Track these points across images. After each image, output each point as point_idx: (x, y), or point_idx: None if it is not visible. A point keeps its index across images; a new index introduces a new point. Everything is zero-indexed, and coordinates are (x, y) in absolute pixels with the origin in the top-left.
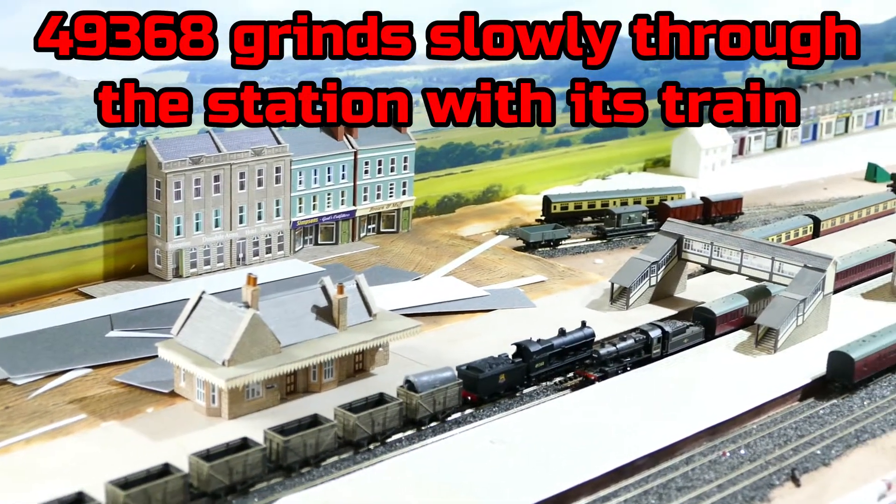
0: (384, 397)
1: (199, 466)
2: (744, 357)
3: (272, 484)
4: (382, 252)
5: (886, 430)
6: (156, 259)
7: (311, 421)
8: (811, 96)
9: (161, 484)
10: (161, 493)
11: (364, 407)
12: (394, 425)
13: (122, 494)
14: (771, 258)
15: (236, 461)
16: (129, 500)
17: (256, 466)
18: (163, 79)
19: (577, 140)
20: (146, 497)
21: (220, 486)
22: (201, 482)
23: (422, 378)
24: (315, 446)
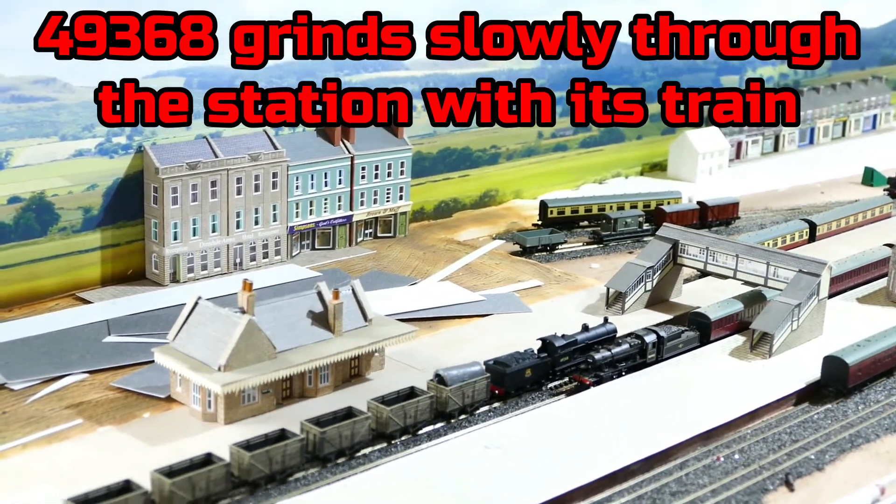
0: (415, 391)
1: (241, 456)
2: (739, 362)
3: (309, 473)
4: (379, 257)
5: (881, 434)
6: (153, 264)
7: (346, 413)
8: (808, 100)
9: (205, 472)
10: (205, 482)
11: (396, 400)
12: (425, 418)
13: (168, 482)
14: (766, 263)
15: (276, 451)
16: (174, 488)
17: (295, 456)
18: (159, 84)
19: (573, 145)
20: (191, 485)
21: (261, 476)
22: (242, 471)
23: (451, 372)
24: (350, 437)
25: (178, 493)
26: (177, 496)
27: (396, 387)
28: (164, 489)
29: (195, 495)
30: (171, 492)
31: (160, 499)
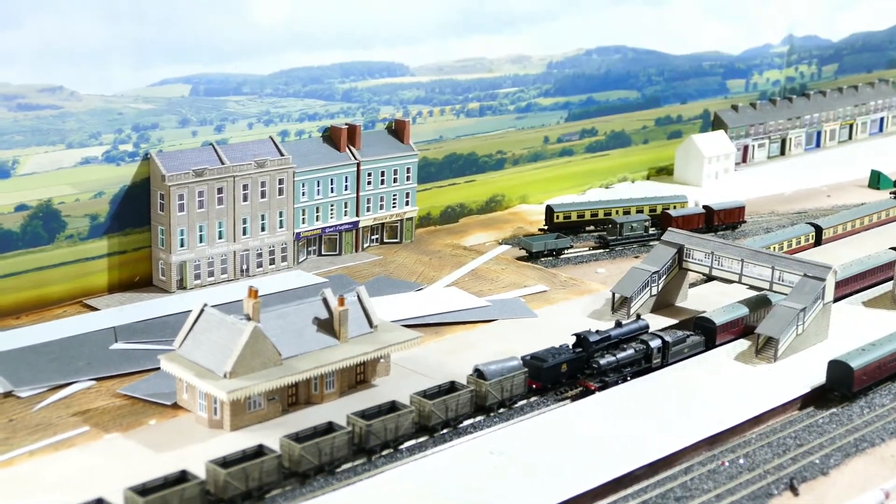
0: (455, 385)
1: (291, 448)
2: (744, 366)
3: (356, 465)
4: (385, 263)
5: (885, 438)
6: (160, 271)
7: (390, 407)
8: (815, 103)
9: (258, 463)
10: (258, 472)
11: (438, 394)
12: (465, 411)
13: (223, 473)
14: (771, 267)
15: (325, 443)
16: (229, 478)
17: (342, 448)
18: (165, 92)
19: (579, 149)
20: (244, 475)
21: (310, 467)
22: (293, 462)
23: (490, 367)
24: (395, 430)
25: (232, 482)
26: (231, 485)
27: (402, 393)
28: (219, 479)
29: (248, 485)
30: (226, 482)
31: (215, 488)
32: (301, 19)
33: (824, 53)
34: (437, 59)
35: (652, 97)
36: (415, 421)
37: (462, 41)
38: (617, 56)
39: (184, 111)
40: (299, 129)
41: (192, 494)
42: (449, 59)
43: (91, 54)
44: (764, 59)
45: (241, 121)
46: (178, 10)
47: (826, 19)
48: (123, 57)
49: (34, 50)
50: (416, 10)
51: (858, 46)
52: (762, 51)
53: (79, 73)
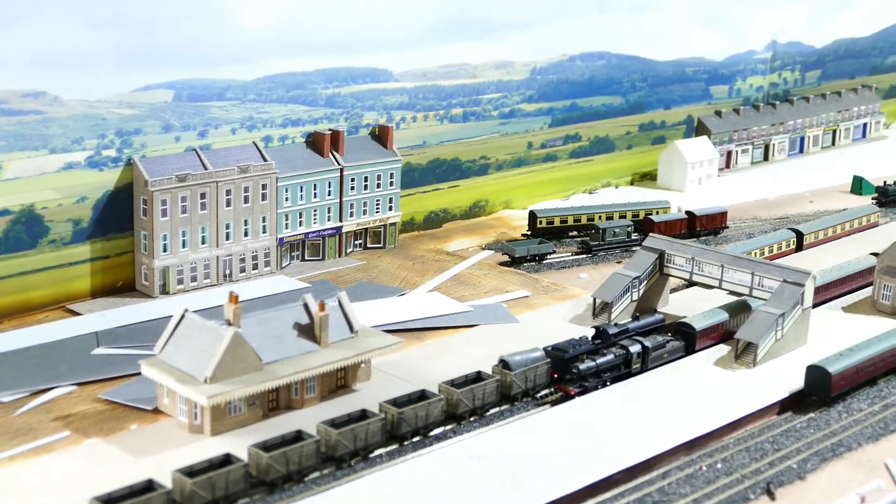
0: (482, 375)
1: (328, 433)
2: (723, 371)
3: (389, 451)
4: (369, 268)
5: (862, 443)
6: (143, 276)
7: (420, 395)
8: (798, 109)
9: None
10: (297, 456)
11: (465, 383)
12: (492, 400)
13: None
14: (751, 273)
15: (360, 429)
16: (271, 461)
17: (376, 434)
18: (148, 97)
19: (563, 155)
20: (286, 459)
21: (346, 452)
22: (329, 447)
23: (515, 357)
24: (425, 417)
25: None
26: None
27: (383, 397)
28: (186, 489)
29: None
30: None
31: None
32: (284, 25)
33: (807, 60)
34: (420, 64)
35: (636, 103)
36: (444, 409)
37: (446, 47)
38: (601, 62)
39: (167, 116)
40: (283, 135)
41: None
42: (433, 65)
43: (74, 60)
44: (747, 66)
45: (225, 126)
46: (162, 16)
47: (809, 26)
48: (106, 62)
49: (18, 55)
50: (400, 16)
51: (841, 53)
52: (746, 57)
53: (62, 79)
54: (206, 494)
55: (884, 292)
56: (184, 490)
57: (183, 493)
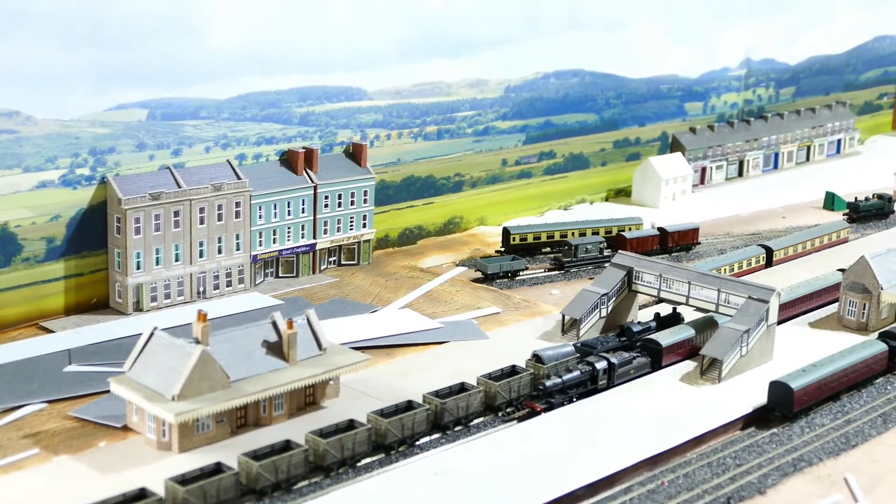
0: (516, 368)
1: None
2: (688, 387)
3: (433, 440)
4: (342, 284)
5: (823, 458)
6: (116, 293)
7: (460, 388)
8: (772, 125)
9: (351, 435)
10: (352, 442)
11: (501, 377)
12: (526, 392)
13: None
14: (717, 290)
15: (407, 419)
16: (328, 447)
17: (421, 424)
18: (122, 116)
19: (538, 172)
20: (340, 445)
21: (394, 440)
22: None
23: (547, 352)
24: (466, 408)
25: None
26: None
27: (350, 415)
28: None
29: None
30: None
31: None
32: (258, 44)
33: (782, 77)
34: (394, 83)
35: (610, 120)
36: (482, 400)
37: (420, 65)
38: (575, 79)
39: (140, 135)
40: (257, 153)
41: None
42: (406, 83)
43: (48, 79)
44: (722, 83)
45: (199, 144)
46: (136, 35)
47: (783, 43)
48: (80, 81)
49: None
50: (374, 35)
51: (816, 69)
52: (720, 74)
53: (36, 98)
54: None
55: (849, 308)
56: (176, 498)
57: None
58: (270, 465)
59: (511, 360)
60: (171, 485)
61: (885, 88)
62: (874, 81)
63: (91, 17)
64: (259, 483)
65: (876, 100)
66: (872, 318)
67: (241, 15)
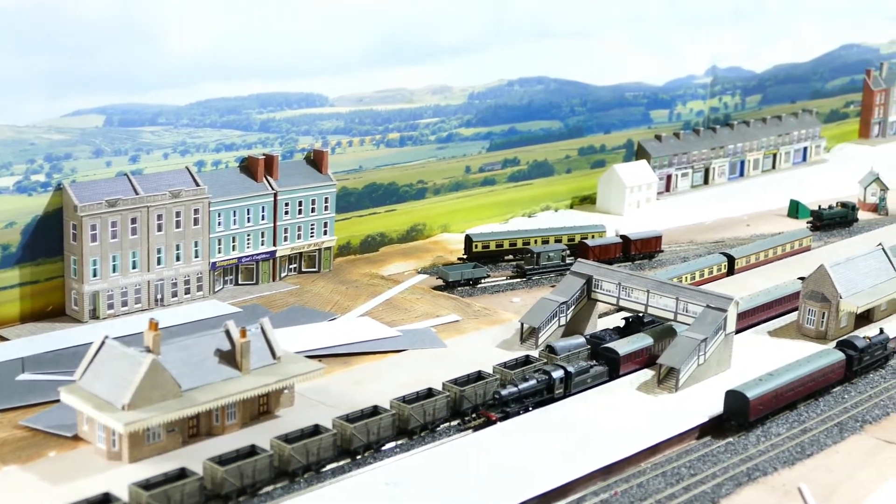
0: (529, 358)
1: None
2: (645, 396)
3: (452, 426)
4: (302, 292)
5: (778, 467)
6: (72, 301)
7: (478, 376)
8: (738, 133)
9: (376, 420)
10: (377, 427)
11: (515, 366)
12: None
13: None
14: (675, 298)
15: (429, 405)
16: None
17: (442, 410)
18: (78, 122)
19: (502, 179)
20: (366, 430)
21: (417, 425)
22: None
23: (559, 344)
24: (483, 395)
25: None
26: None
27: (305, 423)
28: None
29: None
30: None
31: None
32: (218, 50)
33: (748, 84)
34: (356, 89)
35: (575, 127)
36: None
37: (382, 72)
38: (539, 87)
39: (98, 142)
40: (216, 160)
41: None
42: (369, 90)
43: (3, 85)
44: (687, 90)
45: (157, 151)
46: (93, 41)
47: (749, 51)
48: (36, 87)
49: None
50: (336, 42)
51: (782, 78)
52: (686, 82)
53: None
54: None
55: (808, 317)
56: (140, 503)
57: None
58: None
59: (468, 369)
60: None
61: (852, 97)
62: (840, 90)
63: (46, 23)
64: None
65: (842, 108)
66: (831, 327)
67: (201, 21)
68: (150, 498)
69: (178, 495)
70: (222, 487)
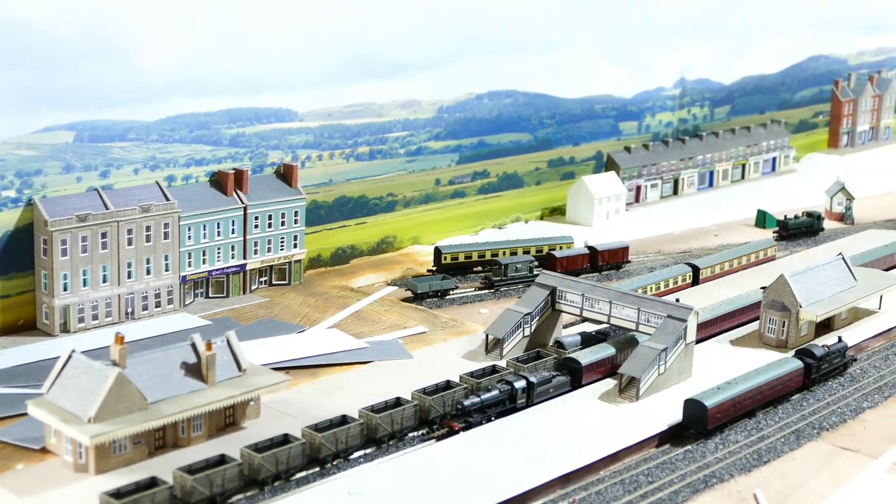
0: (540, 353)
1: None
2: (607, 405)
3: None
4: (272, 305)
5: (735, 474)
6: (43, 315)
7: (492, 370)
8: (707, 144)
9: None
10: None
11: (527, 360)
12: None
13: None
14: (637, 309)
15: (448, 396)
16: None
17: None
18: (49, 138)
19: (472, 191)
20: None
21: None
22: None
23: (567, 339)
24: (451, 404)
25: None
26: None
27: (270, 434)
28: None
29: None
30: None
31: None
32: (187, 66)
33: (716, 96)
34: (326, 104)
35: (544, 139)
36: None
37: (351, 87)
38: (508, 100)
39: (68, 157)
40: (186, 174)
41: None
42: (338, 105)
43: None
44: (656, 102)
45: (127, 166)
46: (63, 57)
47: (718, 63)
48: (6, 104)
49: None
50: (305, 57)
51: (750, 89)
52: (654, 94)
53: None
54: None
55: (769, 326)
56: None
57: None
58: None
59: (434, 380)
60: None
61: (821, 107)
62: (809, 100)
63: (14, 40)
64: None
65: (811, 118)
66: (792, 336)
67: (170, 37)
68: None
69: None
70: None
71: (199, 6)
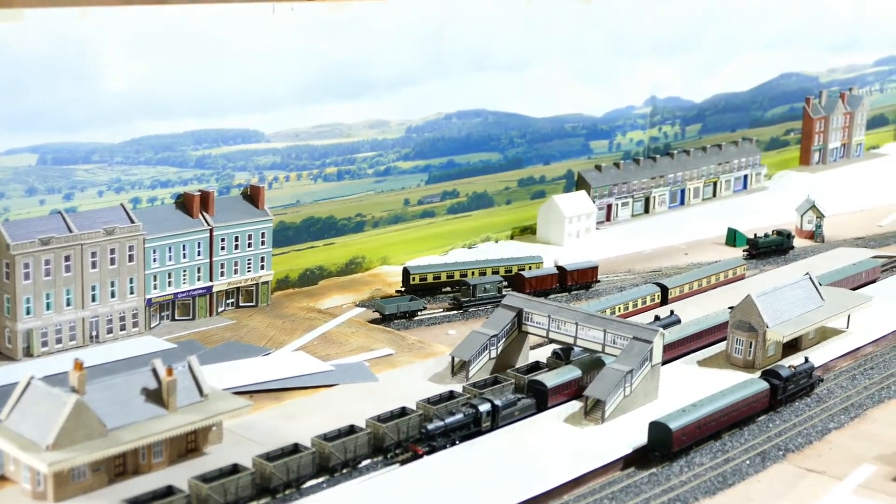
0: (539, 364)
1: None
2: (572, 428)
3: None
4: (238, 327)
5: (698, 497)
6: (6, 339)
7: (494, 380)
8: (679, 162)
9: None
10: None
11: (529, 371)
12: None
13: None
14: (603, 330)
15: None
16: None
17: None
18: (11, 161)
19: (441, 211)
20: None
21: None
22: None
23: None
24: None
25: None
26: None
27: (232, 460)
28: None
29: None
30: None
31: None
32: (152, 87)
33: (687, 114)
34: (292, 125)
35: (514, 159)
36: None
37: (319, 107)
38: (477, 119)
39: (31, 180)
40: (151, 196)
41: None
42: (305, 125)
43: None
44: (627, 121)
45: (91, 189)
46: (24, 79)
47: (688, 81)
48: None
49: None
50: (271, 77)
51: (721, 107)
52: (625, 112)
53: None
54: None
55: (736, 346)
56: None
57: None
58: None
59: (399, 403)
60: None
61: (792, 124)
62: (780, 118)
63: None
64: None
65: (783, 136)
66: (759, 356)
67: (134, 59)
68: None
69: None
70: None
71: (164, 27)
